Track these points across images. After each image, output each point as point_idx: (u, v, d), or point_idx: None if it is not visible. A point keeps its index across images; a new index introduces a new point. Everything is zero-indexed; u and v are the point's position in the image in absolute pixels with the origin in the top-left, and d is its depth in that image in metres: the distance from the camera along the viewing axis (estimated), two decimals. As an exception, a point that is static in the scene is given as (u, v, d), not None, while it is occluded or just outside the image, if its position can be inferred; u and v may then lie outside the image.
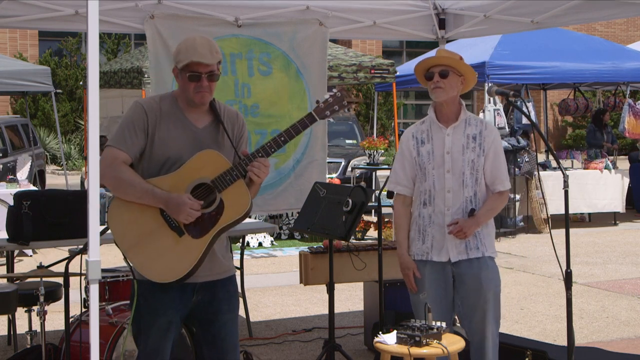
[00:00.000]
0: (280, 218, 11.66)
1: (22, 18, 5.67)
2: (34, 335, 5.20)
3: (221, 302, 3.78)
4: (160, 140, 3.67)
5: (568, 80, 14.10)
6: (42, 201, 5.73)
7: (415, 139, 4.45)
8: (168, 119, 3.71)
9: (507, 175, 4.49)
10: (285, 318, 7.40)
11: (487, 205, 4.41)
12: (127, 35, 25.22)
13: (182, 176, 3.62)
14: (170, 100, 3.77)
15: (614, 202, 13.06)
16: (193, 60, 3.61)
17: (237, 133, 3.84)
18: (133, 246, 3.59)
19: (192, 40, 3.68)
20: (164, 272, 3.60)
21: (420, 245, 4.41)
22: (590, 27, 26.49)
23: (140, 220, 3.60)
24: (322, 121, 6.48)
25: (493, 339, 4.43)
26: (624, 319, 7.32)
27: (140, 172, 3.67)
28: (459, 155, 4.35)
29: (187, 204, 3.54)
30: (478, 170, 4.37)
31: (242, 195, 3.67)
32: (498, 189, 4.43)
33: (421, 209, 4.42)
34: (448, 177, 4.35)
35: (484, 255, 4.39)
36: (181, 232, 3.60)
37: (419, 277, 4.40)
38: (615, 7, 5.67)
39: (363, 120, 25.55)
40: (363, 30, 6.68)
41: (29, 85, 12.67)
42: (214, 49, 3.68)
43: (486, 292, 4.37)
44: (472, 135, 4.37)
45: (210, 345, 3.80)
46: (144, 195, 3.57)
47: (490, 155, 4.38)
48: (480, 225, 4.37)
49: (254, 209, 6.42)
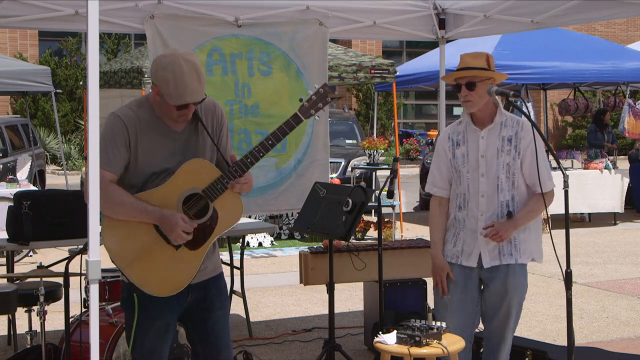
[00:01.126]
0: (280, 218, 11.66)
1: (22, 18, 5.66)
2: (34, 335, 5.20)
3: (213, 298, 3.79)
4: (143, 152, 3.61)
5: (568, 80, 14.09)
6: (42, 201, 5.73)
7: (451, 140, 4.40)
8: (148, 128, 3.64)
9: (550, 175, 4.37)
10: (285, 318, 7.40)
11: (527, 207, 4.33)
12: (127, 35, 25.22)
13: (172, 188, 3.59)
14: (147, 107, 3.67)
15: (613, 202, 13.05)
16: (187, 102, 3.52)
17: (217, 126, 3.77)
18: (130, 263, 3.57)
19: (180, 71, 3.49)
20: (163, 287, 3.60)
21: (451, 247, 4.40)
22: (590, 27, 26.50)
23: (134, 236, 3.58)
24: (324, 121, 6.57)
25: (509, 343, 4.44)
26: (624, 319, 7.32)
27: (125, 183, 3.61)
28: (494, 159, 4.29)
29: (179, 227, 3.52)
30: (515, 174, 4.30)
31: (235, 202, 3.67)
32: (537, 191, 4.32)
33: (457, 212, 4.40)
34: (482, 181, 4.30)
35: (517, 262, 4.35)
36: (177, 245, 3.59)
37: (453, 279, 4.36)
38: (615, 7, 5.67)
39: (363, 120, 25.55)
40: (363, 30, 6.67)
41: (29, 85, 12.66)
42: (202, 77, 3.56)
43: (511, 298, 4.35)
44: (507, 138, 4.31)
45: (204, 343, 3.80)
46: (137, 214, 3.54)
47: (527, 157, 4.30)
48: (518, 227, 4.30)
49: (254, 209, 6.52)
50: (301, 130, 6.39)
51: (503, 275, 4.33)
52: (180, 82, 3.49)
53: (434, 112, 29.87)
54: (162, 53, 3.71)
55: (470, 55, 4.35)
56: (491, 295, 4.36)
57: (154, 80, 3.58)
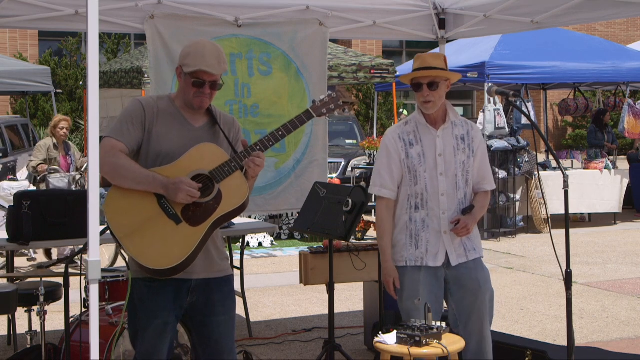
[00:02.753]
0: (280, 218, 11.66)
1: (22, 18, 5.67)
2: (34, 335, 5.20)
3: (216, 303, 3.78)
4: (157, 136, 3.70)
5: (568, 80, 14.10)
6: (42, 201, 5.74)
7: (402, 140, 4.35)
8: (165, 116, 3.74)
9: (492, 174, 4.49)
10: (285, 318, 7.40)
11: (479, 203, 4.38)
12: (127, 35, 25.20)
13: (180, 167, 3.64)
14: (168, 101, 3.82)
15: (613, 202, 13.06)
16: (201, 68, 3.65)
17: (234, 137, 3.87)
18: (129, 234, 3.58)
19: (202, 46, 3.71)
20: (159, 259, 3.57)
21: (413, 250, 4.32)
22: (590, 27, 26.48)
23: (137, 208, 3.60)
24: (323, 121, 6.56)
25: (490, 339, 4.42)
26: (624, 319, 7.32)
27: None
28: (451, 158, 4.31)
29: (184, 183, 3.56)
30: (468, 172, 4.35)
31: (241, 185, 3.69)
32: (485, 188, 4.42)
33: (412, 213, 4.32)
34: (442, 179, 4.29)
35: (480, 256, 4.40)
36: (179, 220, 3.60)
37: (397, 287, 4.33)
38: (615, 7, 5.67)
39: (363, 120, 25.54)
40: (363, 30, 6.67)
41: (29, 85, 12.69)
42: (222, 59, 3.72)
43: (484, 293, 4.35)
44: (460, 137, 4.35)
45: (205, 346, 3.80)
46: (143, 180, 3.58)
47: (478, 156, 4.37)
48: (477, 221, 4.35)
49: (254, 209, 6.52)
50: (300, 130, 6.37)
51: (472, 271, 4.34)
52: (200, 53, 3.67)
53: (434, 112, 29.80)
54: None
55: (430, 55, 4.37)
56: (464, 295, 4.33)
57: (179, 61, 3.75)
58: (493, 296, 4.44)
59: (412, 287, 4.31)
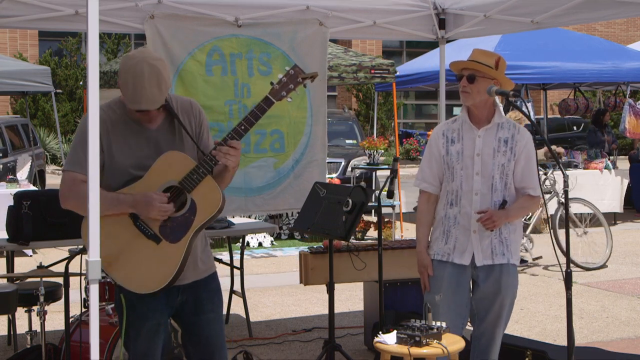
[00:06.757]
0: (280, 218, 11.66)
1: (22, 18, 5.66)
2: (34, 335, 5.20)
3: (204, 301, 3.77)
4: (116, 152, 3.59)
5: (568, 80, 14.09)
6: (42, 201, 5.74)
7: (445, 137, 4.39)
8: (118, 127, 3.62)
9: (538, 182, 4.37)
10: (285, 318, 7.40)
11: (519, 203, 4.35)
12: (127, 35, 25.22)
13: (148, 182, 3.56)
14: (118, 106, 3.66)
15: (613, 202, 13.04)
16: (142, 108, 3.50)
17: (196, 124, 3.73)
18: (112, 262, 3.53)
19: (140, 75, 3.44)
20: (147, 283, 3.55)
21: (442, 245, 4.38)
22: (590, 27, 26.51)
23: (114, 234, 3.53)
24: (322, 122, 6.56)
25: (499, 343, 4.44)
26: (624, 319, 7.32)
27: (104, 186, 3.51)
28: (489, 159, 4.29)
29: (154, 199, 3.48)
30: (508, 175, 4.31)
31: (213, 191, 3.59)
32: (528, 193, 4.35)
33: (447, 209, 4.38)
34: (477, 179, 4.30)
35: (509, 262, 4.35)
36: (158, 239, 3.55)
37: (431, 275, 4.38)
38: (615, 7, 5.66)
39: (363, 120, 25.58)
40: (363, 30, 6.67)
41: (29, 85, 12.67)
42: (163, 83, 3.48)
43: (504, 297, 4.36)
44: (503, 139, 4.32)
45: (195, 345, 3.79)
46: (110, 205, 3.47)
47: (521, 160, 4.32)
48: (510, 219, 4.30)
49: (253, 209, 6.51)
50: (299, 131, 6.39)
51: (497, 275, 4.33)
52: (139, 87, 3.44)
53: (434, 112, 29.87)
54: (130, 53, 3.64)
55: (482, 51, 4.39)
56: (484, 295, 4.36)
57: (118, 81, 3.55)
58: (513, 303, 4.43)
59: (436, 282, 4.38)
